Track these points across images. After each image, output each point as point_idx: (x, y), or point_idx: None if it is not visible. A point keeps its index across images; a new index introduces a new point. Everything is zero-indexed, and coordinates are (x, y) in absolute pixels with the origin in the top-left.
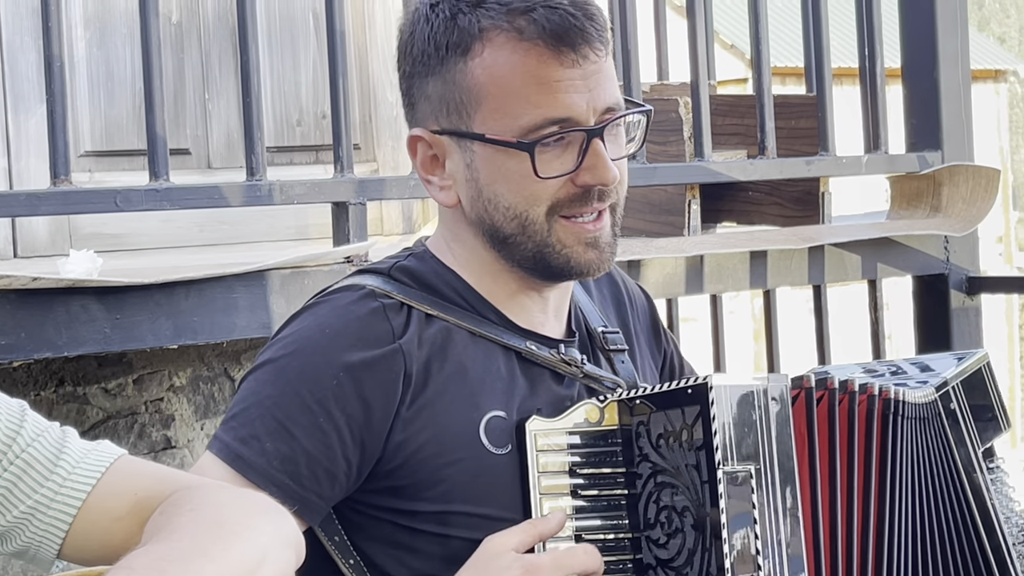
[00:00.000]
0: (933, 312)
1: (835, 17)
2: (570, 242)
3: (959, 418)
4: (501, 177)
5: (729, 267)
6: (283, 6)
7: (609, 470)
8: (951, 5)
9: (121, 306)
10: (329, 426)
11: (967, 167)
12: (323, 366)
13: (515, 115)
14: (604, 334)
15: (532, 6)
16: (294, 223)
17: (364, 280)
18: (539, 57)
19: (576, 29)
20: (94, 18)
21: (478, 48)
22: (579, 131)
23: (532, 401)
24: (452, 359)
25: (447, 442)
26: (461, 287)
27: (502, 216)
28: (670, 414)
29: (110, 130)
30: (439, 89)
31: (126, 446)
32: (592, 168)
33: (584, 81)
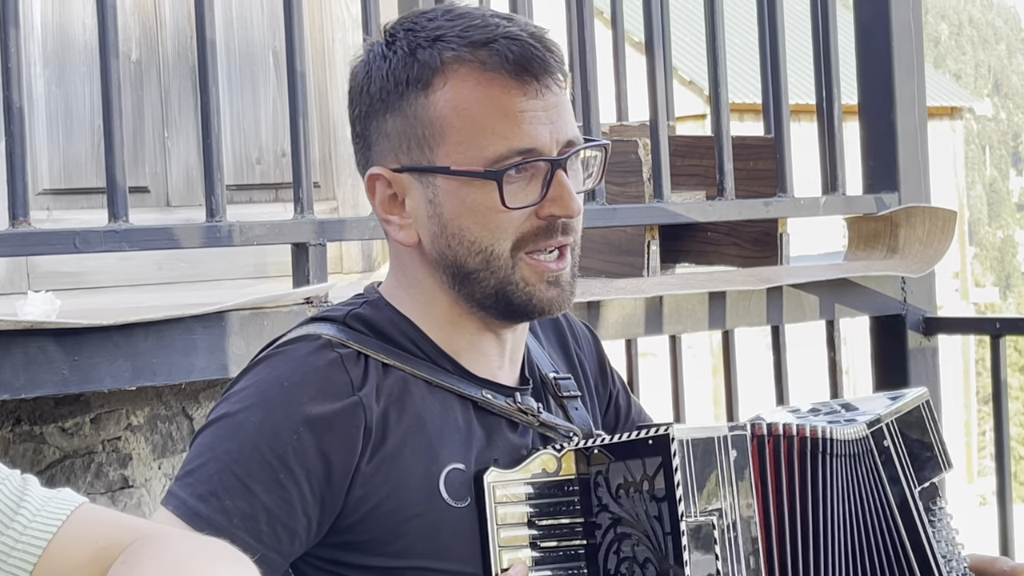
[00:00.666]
0: (890, 352)
1: (793, 53)
2: (533, 280)
3: (893, 456)
4: (467, 210)
5: (688, 308)
6: (243, 43)
7: (568, 520)
8: (907, 48)
9: (79, 348)
10: (289, 482)
11: (924, 208)
12: (283, 421)
13: (480, 146)
14: (556, 380)
15: (492, 38)
16: (253, 261)
17: (319, 329)
18: (503, 88)
19: (538, 59)
20: (53, 56)
21: (439, 81)
22: (544, 161)
23: (489, 451)
24: (410, 411)
25: (407, 497)
26: (416, 335)
27: (467, 251)
28: (630, 464)
29: (68, 168)
30: (399, 125)
31: (83, 485)
32: (557, 199)
33: (547, 112)
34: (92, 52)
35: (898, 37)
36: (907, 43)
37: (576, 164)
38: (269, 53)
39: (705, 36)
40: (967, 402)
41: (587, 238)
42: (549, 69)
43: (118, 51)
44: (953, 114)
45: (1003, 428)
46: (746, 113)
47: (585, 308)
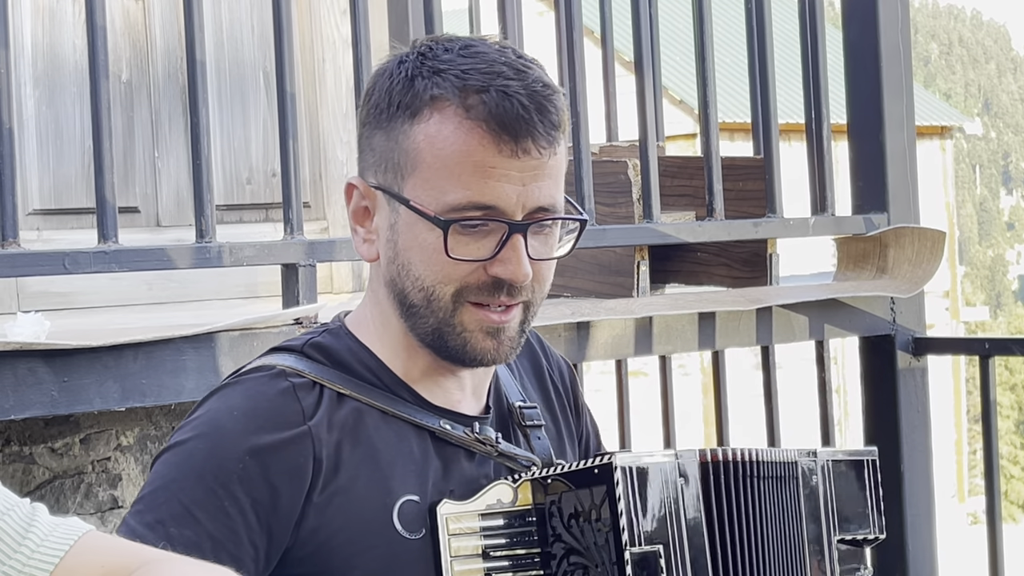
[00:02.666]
0: (880, 372)
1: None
2: (471, 327)
3: (819, 494)
4: (416, 246)
5: (678, 328)
6: (233, 64)
7: (524, 551)
8: (896, 68)
9: (68, 369)
10: (234, 510)
11: (913, 229)
12: (229, 450)
13: (442, 190)
14: (521, 409)
15: (487, 87)
16: (243, 281)
17: (276, 359)
18: (479, 140)
19: (523, 121)
20: (43, 76)
21: (426, 114)
22: (501, 223)
23: (445, 483)
24: (364, 442)
25: (360, 529)
26: (375, 365)
27: (411, 285)
28: (580, 493)
29: (59, 188)
30: (382, 144)
31: (73, 506)
32: (506, 261)
33: (520, 174)
34: (82, 72)
35: (887, 57)
36: (896, 63)
37: (549, 230)
38: (260, 73)
39: (695, 56)
40: (958, 421)
41: (577, 258)
42: (532, 133)
43: (108, 72)
44: (943, 133)
45: (992, 448)
46: (737, 133)
47: (575, 328)
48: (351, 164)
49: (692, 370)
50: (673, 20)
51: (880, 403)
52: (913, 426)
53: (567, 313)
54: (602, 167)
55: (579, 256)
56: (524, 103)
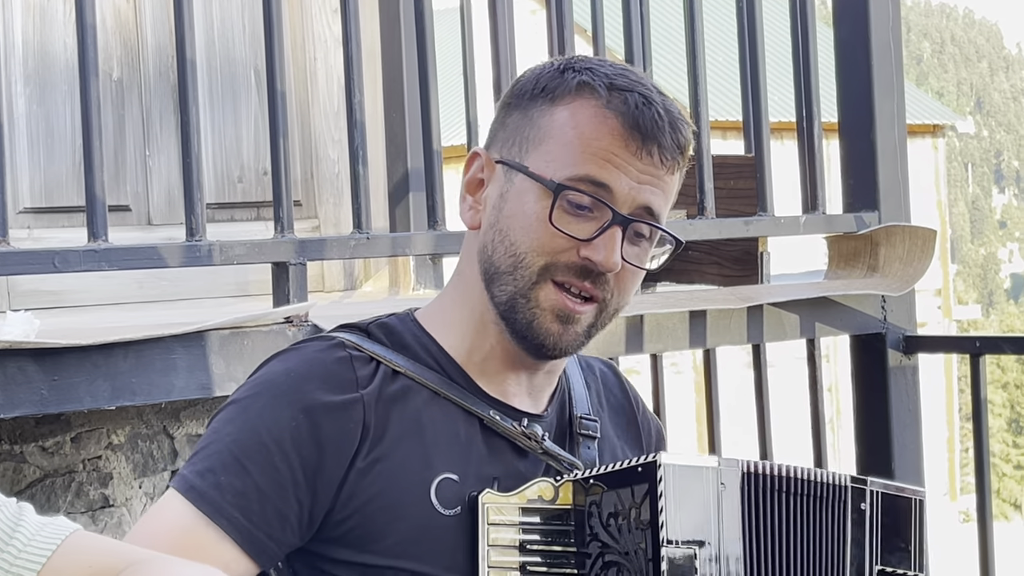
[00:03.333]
0: (871, 370)
1: (776, 71)
2: (545, 305)
3: (866, 521)
4: (521, 212)
5: (669, 327)
6: (224, 62)
7: (560, 549)
8: (887, 67)
9: (58, 367)
10: (284, 466)
11: (904, 227)
12: (283, 407)
13: (562, 165)
14: (582, 419)
15: (632, 89)
16: (234, 279)
17: (339, 333)
18: (610, 131)
19: (656, 126)
20: (34, 74)
21: (567, 99)
22: (609, 208)
23: (488, 469)
24: (411, 416)
25: (397, 497)
26: (435, 350)
27: (504, 250)
28: (621, 493)
29: (49, 187)
30: (517, 121)
31: (63, 505)
32: (600, 247)
33: (638, 173)
34: (73, 71)
35: (878, 56)
36: (887, 62)
37: (648, 241)
38: (251, 72)
39: (686, 55)
40: (950, 419)
41: None
42: (660, 140)
43: (98, 70)
44: (935, 132)
45: (983, 446)
46: (729, 131)
47: None
48: (343, 163)
49: (685, 368)
50: (666, 19)
51: (871, 401)
52: (904, 424)
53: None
54: None
55: None
56: (661, 113)
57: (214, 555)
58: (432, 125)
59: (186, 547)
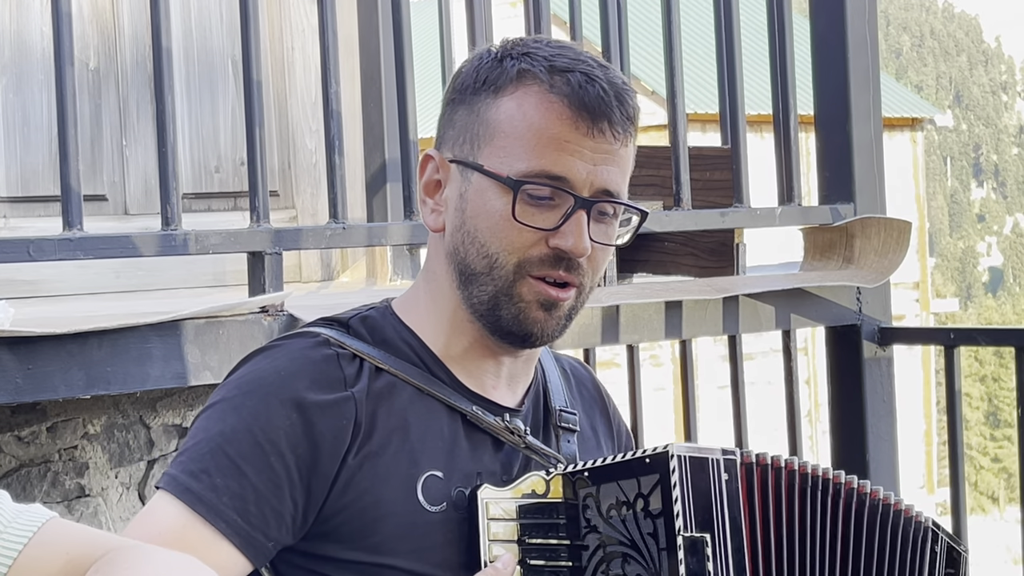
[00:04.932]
0: (846, 362)
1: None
2: (528, 298)
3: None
4: (484, 212)
5: (645, 317)
6: (202, 52)
7: (555, 542)
8: (863, 61)
9: (33, 356)
10: (280, 465)
11: (879, 219)
12: (277, 406)
13: (517, 158)
14: (561, 412)
15: (572, 68)
16: (211, 269)
17: (320, 329)
18: (559, 115)
19: (603, 103)
20: (11, 64)
21: (510, 89)
22: (569, 195)
23: (472, 465)
24: (397, 413)
25: (385, 494)
26: (416, 344)
27: (476, 252)
28: (623, 484)
29: (26, 176)
30: (464, 118)
31: (39, 494)
32: (568, 234)
33: (592, 154)
34: (49, 60)
35: (854, 49)
36: (863, 55)
37: (613, 219)
38: (228, 62)
39: (663, 46)
40: (928, 412)
41: None
42: (609, 116)
43: (73, 59)
44: (914, 125)
45: (957, 438)
46: (708, 124)
47: None
48: (320, 153)
49: (664, 360)
50: (646, 10)
51: (846, 393)
52: (879, 416)
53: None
54: None
55: None
56: (605, 88)
57: (210, 555)
58: (409, 116)
59: (182, 549)
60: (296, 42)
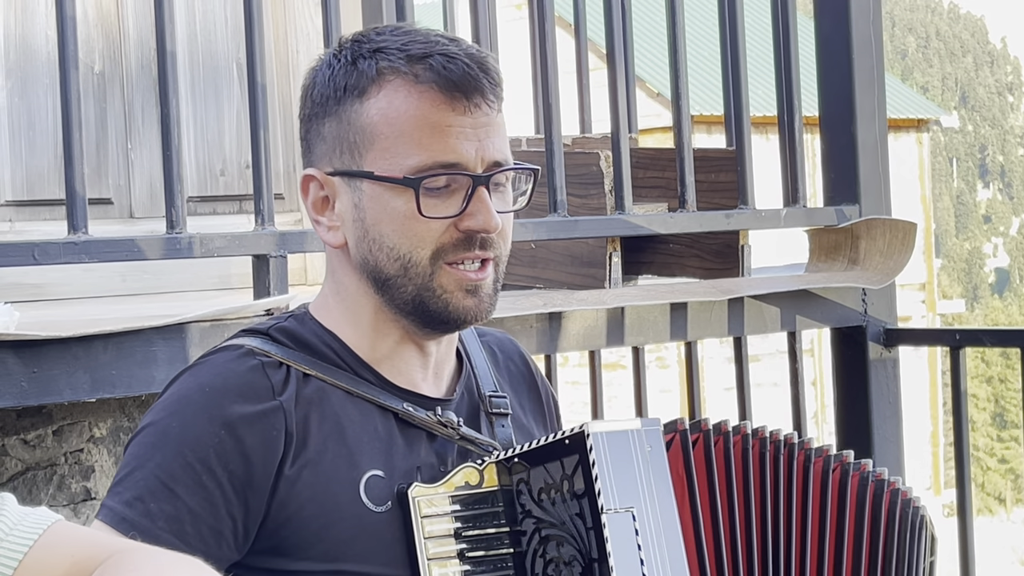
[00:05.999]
0: (851, 363)
1: (760, 65)
2: (451, 287)
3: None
4: (386, 217)
5: (650, 319)
6: (207, 55)
7: (493, 530)
8: (868, 62)
9: (38, 359)
10: (212, 483)
11: (884, 220)
12: (204, 424)
13: (404, 155)
14: (491, 398)
15: (429, 53)
16: (217, 272)
17: (243, 340)
18: (432, 102)
19: (471, 78)
20: (16, 67)
21: (374, 90)
22: (465, 176)
23: (410, 460)
24: (330, 418)
25: (328, 501)
26: (339, 347)
27: (386, 257)
28: (549, 467)
29: (31, 180)
30: (334, 130)
31: (45, 498)
32: (475, 213)
33: (475, 131)
34: (55, 63)
35: (858, 50)
36: (867, 56)
37: (506, 185)
38: (233, 65)
39: (667, 48)
40: (934, 413)
41: (548, 249)
42: (481, 89)
43: (78, 62)
44: (920, 126)
45: (963, 439)
46: (714, 126)
47: (547, 319)
48: None
49: (671, 362)
50: (650, 12)
51: (851, 394)
52: (884, 417)
53: (539, 304)
54: (574, 159)
55: (551, 247)
56: (468, 63)
57: None
58: None
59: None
60: (301, 45)
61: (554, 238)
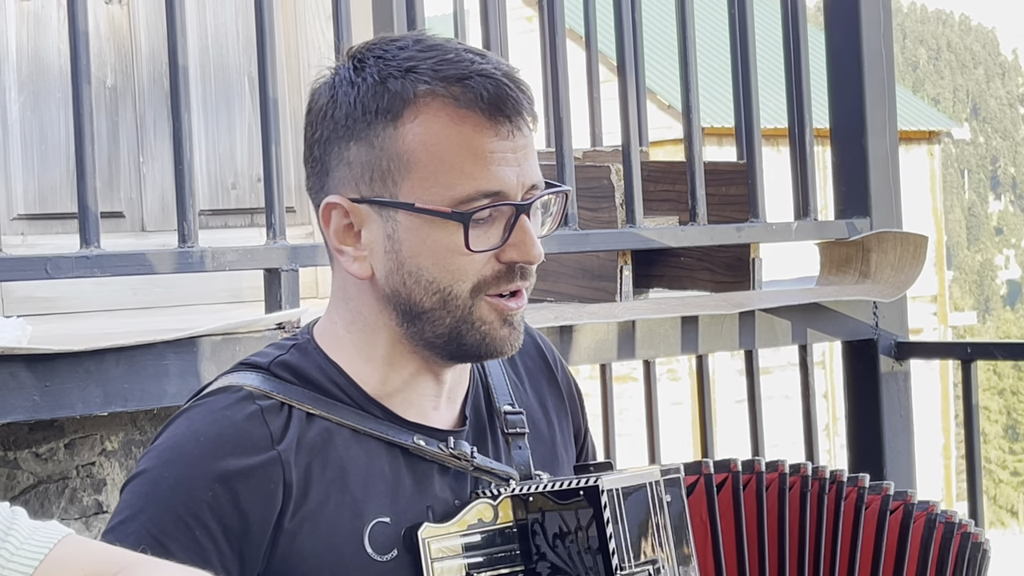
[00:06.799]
0: (863, 376)
1: (771, 77)
2: (490, 319)
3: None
4: (426, 250)
5: (661, 332)
6: (218, 69)
7: (507, 570)
8: (879, 74)
9: (50, 373)
10: (206, 539)
11: (895, 233)
12: (198, 478)
13: (447, 185)
14: (507, 415)
15: (468, 74)
16: (228, 286)
17: (242, 379)
18: (475, 126)
19: (512, 99)
20: (28, 81)
21: (410, 114)
22: (509, 206)
23: (419, 500)
24: (333, 463)
25: (330, 553)
26: (344, 382)
27: (423, 290)
28: (564, 514)
29: (43, 193)
30: (363, 155)
31: (57, 511)
32: (519, 244)
33: (515, 155)
34: (67, 78)
35: (869, 62)
36: (878, 68)
37: (537, 208)
38: (244, 78)
39: (678, 61)
40: (946, 425)
41: (560, 263)
42: (521, 110)
43: (90, 76)
44: (931, 138)
45: (975, 452)
46: (725, 138)
47: (558, 332)
48: None
49: (682, 374)
50: (661, 25)
51: (863, 407)
52: (896, 430)
53: (550, 317)
54: (585, 172)
55: (562, 261)
56: (507, 83)
57: None
58: None
59: None
60: (312, 59)
61: (565, 251)
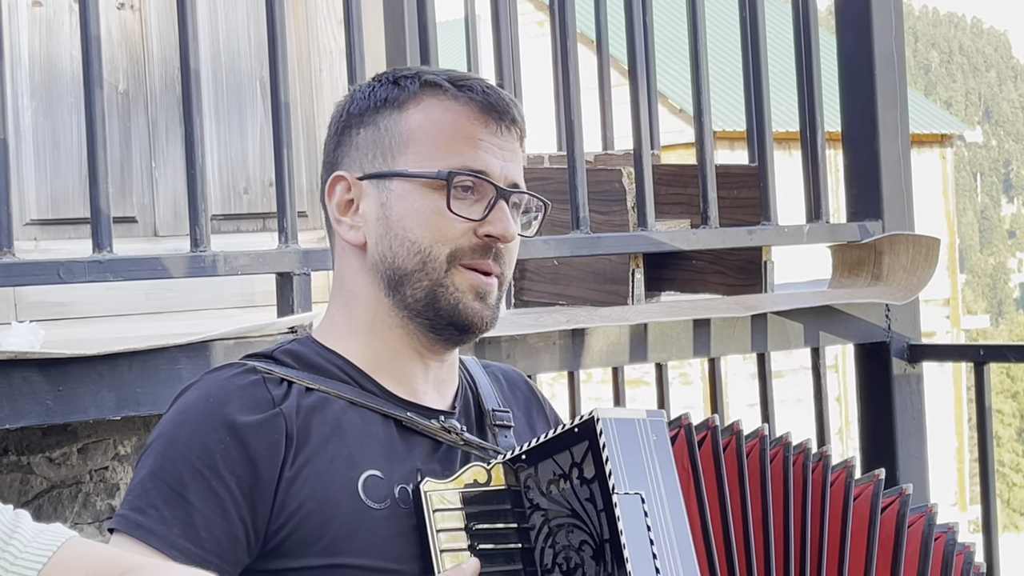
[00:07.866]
0: (875, 379)
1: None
2: (463, 287)
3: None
4: (413, 212)
5: (673, 335)
6: (230, 74)
7: (502, 525)
8: (890, 77)
9: (63, 378)
10: (221, 488)
11: (907, 236)
12: (209, 432)
13: (438, 159)
14: (494, 412)
15: (470, 84)
16: (240, 290)
17: (245, 361)
18: (468, 116)
19: (505, 106)
20: (40, 87)
21: (413, 103)
22: (491, 184)
23: (409, 463)
24: (330, 422)
25: (327, 498)
26: (342, 364)
27: (406, 251)
28: (558, 458)
29: (56, 198)
30: (369, 136)
31: (70, 516)
32: (496, 221)
33: (502, 150)
34: (79, 83)
35: (881, 65)
36: (890, 71)
37: (516, 211)
38: (256, 83)
39: (689, 65)
40: (959, 428)
41: (571, 266)
42: (513, 117)
43: (103, 82)
44: (943, 141)
45: (988, 454)
46: (737, 142)
47: (570, 336)
48: None
49: (694, 378)
50: (672, 29)
51: (876, 410)
52: (908, 433)
53: (562, 321)
54: (597, 175)
55: (574, 264)
56: (503, 94)
57: None
58: None
59: None
60: (324, 64)
61: (577, 255)
